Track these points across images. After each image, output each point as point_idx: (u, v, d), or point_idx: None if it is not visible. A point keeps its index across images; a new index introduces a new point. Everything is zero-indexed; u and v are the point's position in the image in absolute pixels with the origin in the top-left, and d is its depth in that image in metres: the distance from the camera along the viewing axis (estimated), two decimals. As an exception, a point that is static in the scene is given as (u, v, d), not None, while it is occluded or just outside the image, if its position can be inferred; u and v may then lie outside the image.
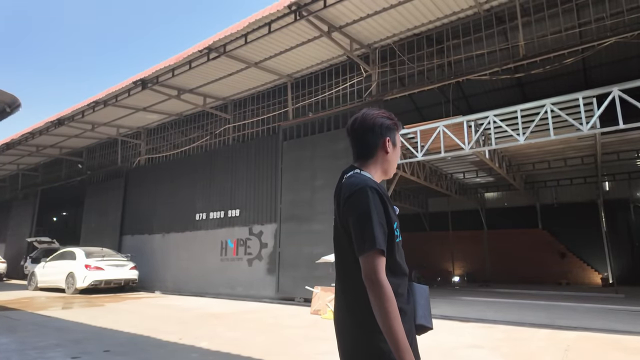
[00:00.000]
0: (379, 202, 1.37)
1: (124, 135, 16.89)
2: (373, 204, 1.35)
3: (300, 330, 6.60)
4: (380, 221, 1.34)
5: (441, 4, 8.72)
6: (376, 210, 1.35)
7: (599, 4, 8.82)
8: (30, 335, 6.02)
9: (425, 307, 1.48)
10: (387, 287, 1.28)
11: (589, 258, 16.48)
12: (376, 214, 1.34)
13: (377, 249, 1.30)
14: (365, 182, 1.40)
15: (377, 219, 1.33)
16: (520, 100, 10.21)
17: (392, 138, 1.55)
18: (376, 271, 1.29)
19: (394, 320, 1.24)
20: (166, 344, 5.53)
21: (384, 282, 1.28)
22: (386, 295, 1.27)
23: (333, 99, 11.30)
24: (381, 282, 1.28)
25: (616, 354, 4.89)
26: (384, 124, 1.54)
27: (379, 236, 1.31)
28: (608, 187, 16.43)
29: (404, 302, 1.39)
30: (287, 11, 8.51)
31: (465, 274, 19.02)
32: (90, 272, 12.25)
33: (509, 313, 8.22)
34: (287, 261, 10.75)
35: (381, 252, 1.31)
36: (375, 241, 1.30)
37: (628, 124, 6.86)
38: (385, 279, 1.29)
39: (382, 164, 1.54)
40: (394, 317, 1.25)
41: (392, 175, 1.59)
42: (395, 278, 1.37)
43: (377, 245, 1.30)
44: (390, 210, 1.41)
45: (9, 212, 22.98)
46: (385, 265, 1.32)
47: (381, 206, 1.37)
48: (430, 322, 1.48)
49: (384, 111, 1.59)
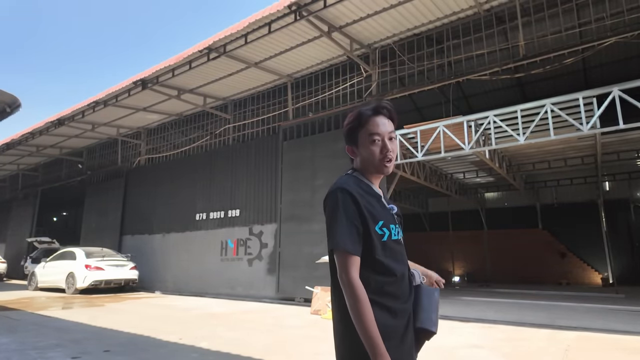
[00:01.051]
0: (350, 202, 1.37)
1: (124, 135, 16.89)
2: (341, 205, 1.36)
3: (300, 330, 6.60)
4: (350, 221, 1.35)
5: (441, 4, 8.71)
6: (344, 211, 1.35)
7: (599, 4, 8.82)
8: (30, 335, 6.02)
9: (429, 310, 1.45)
10: (355, 286, 1.29)
11: (589, 258, 16.48)
12: (344, 215, 1.35)
13: (341, 249, 1.32)
14: (337, 184, 1.42)
15: (344, 220, 1.34)
16: (520, 100, 10.21)
17: (353, 140, 1.51)
18: (344, 271, 1.31)
19: (365, 322, 1.25)
20: (166, 344, 5.53)
21: (352, 281, 1.29)
22: (354, 295, 1.28)
23: (333, 99, 11.30)
24: (348, 282, 1.30)
25: (616, 354, 4.89)
26: (345, 132, 1.54)
27: (344, 237, 1.33)
28: (608, 187, 16.43)
29: (394, 301, 1.37)
30: (287, 11, 8.51)
31: (465, 274, 19.04)
32: (91, 272, 12.25)
33: (509, 313, 8.22)
34: (287, 261, 10.75)
35: (346, 252, 1.32)
36: (337, 242, 1.33)
37: (628, 124, 6.86)
38: (354, 278, 1.30)
39: (362, 165, 1.51)
40: (364, 317, 1.25)
41: (384, 170, 1.49)
42: (380, 276, 1.37)
43: (338, 245, 1.32)
44: (368, 209, 1.39)
45: (9, 212, 22.98)
46: (360, 264, 1.34)
47: (352, 206, 1.37)
48: (432, 325, 1.44)
49: (350, 114, 1.55)
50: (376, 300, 1.33)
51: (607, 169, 15.03)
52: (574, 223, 16.66)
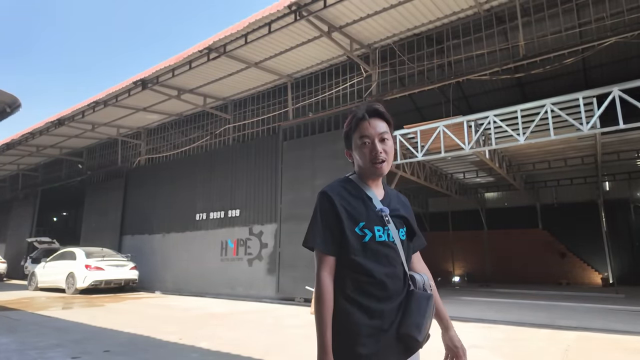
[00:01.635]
0: (326, 203, 1.44)
1: (124, 135, 16.89)
2: (319, 207, 1.45)
3: (300, 330, 6.60)
4: (325, 222, 1.42)
5: (441, 4, 8.72)
6: (320, 212, 1.44)
7: (599, 4, 8.82)
8: (30, 335, 6.03)
9: (417, 315, 1.38)
10: (320, 284, 1.38)
11: (589, 258, 16.47)
12: (319, 216, 1.44)
13: (311, 247, 1.43)
14: (326, 187, 1.49)
15: (318, 220, 1.43)
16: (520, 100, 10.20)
17: (348, 144, 1.56)
18: (317, 268, 1.41)
19: (320, 317, 1.34)
20: (166, 344, 5.53)
21: (319, 279, 1.38)
22: (318, 292, 1.37)
23: (333, 99, 11.30)
24: (317, 279, 1.39)
25: (616, 354, 4.89)
26: (343, 136, 1.60)
27: (315, 235, 1.42)
28: (608, 187, 16.42)
29: (373, 301, 1.37)
30: (287, 11, 8.51)
31: (465, 274, 19.03)
32: (91, 272, 12.25)
33: (509, 313, 8.21)
34: (287, 261, 10.76)
35: (318, 251, 1.41)
36: (306, 239, 1.44)
37: (628, 124, 6.86)
38: (322, 276, 1.39)
39: (357, 168, 1.55)
40: (321, 314, 1.34)
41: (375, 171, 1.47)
42: (358, 276, 1.39)
43: (309, 243, 1.43)
44: (348, 210, 1.42)
45: (9, 212, 22.98)
46: (338, 263, 1.41)
47: (329, 207, 1.43)
48: (417, 332, 1.36)
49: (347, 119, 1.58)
50: (353, 298, 1.37)
51: (607, 169, 15.02)
52: (574, 223, 16.65)
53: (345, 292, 1.38)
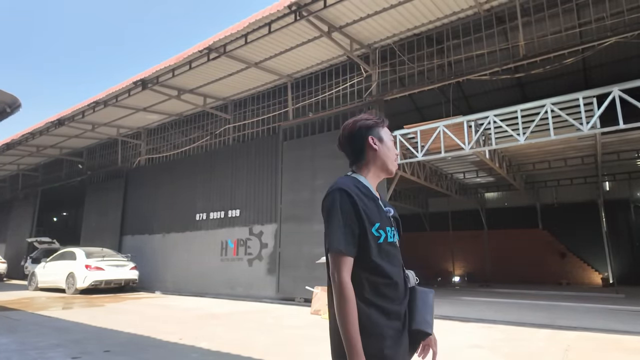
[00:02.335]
0: (348, 203, 1.39)
1: (124, 135, 16.89)
2: (339, 205, 1.38)
3: (300, 331, 6.60)
4: (346, 222, 1.36)
5: (441, 4, 8.71)
6: (341, 212, 1.37)
7: (599, 4, 8.81)
8: (30, 335, 6.03)
9: (425, 312, 1.46)
10: (344, 287, 1.31)
11: (589, 258, 16.48)
12: (340, 216, 1.37)
13: (336, 249, 1.34)
14: (337, 184, 1.44)
15: (340, 220, 1.36)
16: (520, 100, 10.20)
17: (376, 134, 1.58)
18: (335, 271, 1.34)
19: (347, 322, 1.28)
20: (166, 344, 5.53)
21: (342, 282, 1.31)
22: (342, 295, 1.30)
23: (333, 99, 11.30)
24: (339, 282, 1.32)
25: (616, 354, 4.89)
26: (363, 125, 1.58)
27: (339, 237, 1.34)
28: (608, 187, 16.43)
29: (389, 303, 1.38)
30: (287, 11, 8.51)
31: (465, 274, 19.03)
32: (91, 273, 12.25)
33: (509, 313, 8.21)
34: (287, 261, 10.75)
35: (340, 253, 1.34)
36: (332, 242, 1.35)
37: (628, 124, 6.87)
38: (344, 278, 1.32)
39: (374, 162, 1.56)
40: (347, 317, 1.28)
41: (394, 170, 1.59)
42: (375, 277, 1.38)
43: (334, 245, 1.34)
44: (365, 210, 1.40)
45: (10, 212, 22.99)
46: (356, 265, 1.36)
47: (350, 207, 1.38)
48: (428, 327, 1.45)
49: (364, 114, 1.62)
50: (371, 301, 1.35)
51: (607, 169, 15.02)
52: (574, 223, 16.65)
53: (363, 296, 1.35)
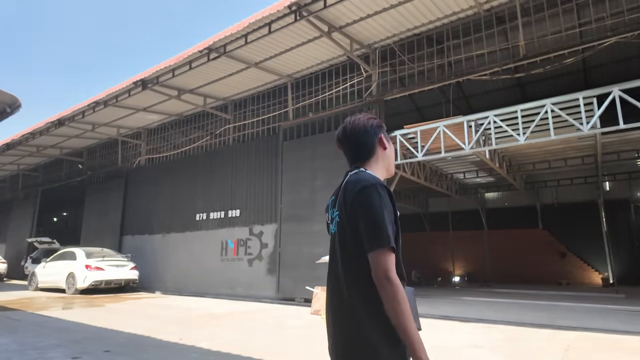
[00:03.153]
0: (388, 199, 1.37)
1: (125, 135, 16.89)
2: (384, 200, 1.35)
3: (300, 331, 6.60)
4: (391, 219, 1.34)
5: (441, 4, 8.71)
6: (386, 208, 1.34)
7: (599, 4, 8.82)
8: (30, 335, 6.03)
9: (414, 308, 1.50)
10: (400, 286, 1.27)
11: (589, 258, 16.47)
12: (387, 211, 1.33)
13: (390, 247, 1.29)
14: (375, 179, 1.41)
15: (388, 216, 1.33)
16: (520, 100, 10.20)
17: (386, 135, 1.61)
18: (389, 269, 1.28)
19: (408, 320, 1.24)
20: (166, 344, 5.53)
21: (397, 281, 1.27)
22: (400, 294, 1.26)
23: (333, 99, 11.30)
24: (394, 281, 1.27)
25: (616, 354, 4.89)
26: (374, 124, 1.58)
27: (389, 234, 1.30)
28: (608, 187, 16.43)
29: None
30: (287, 11, 8.51)
31: (465, 274, 19.03)
32: (91, 273, 12.25)
33: (509, 313, 8.22)
34: (287, 261, 10.75)
35: (393, 250, 1.30)
36: (389, 238, 1.30)
37: (628, 124, 6.87)
38: (397, 277, 1.28)
39: (382, 161, 1.57)
40: (408, 317, 1.25)
41: (393, 172, 1.62)
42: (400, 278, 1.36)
43: (390, 242, 1.29)
44: (396, 209, 1.41)
45: (10, 212, 22.98)
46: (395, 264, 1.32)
47: (390, 204, 1.37)
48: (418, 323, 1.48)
49: (365, 114, 1.63)
50: None
51: (607, 169, 15.02)
52: (574, 223, 16.65)
53: None
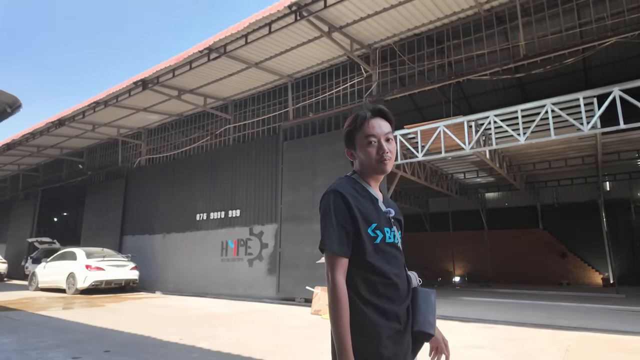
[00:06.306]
0: (341, 204, 1.39)
1: (125, 135, 16.90)
2: (333, 206, 1.40)
3: (300, 331, 6.60)
4: (339, 223, 1.37)
5: (441, 4, 8.71)
6: (334, 213, 1.38)
7: (600, 4, 8.82)
8: (31, 335, 6.03)
9: (427, 312, 1.46)
10: (337, 287, 1.32)
11: (589, 258, 16.47)
12: (334, 217, 1.38)
13: (328, 250, 1.36)
14: (332, 186, 1.46)
15: (334, 221, 1.37)
16: (520, 100, 10.20)
17: (351, 144, 1.53)
18: (329, 271, 1.35)
19: (338, 321, 1.29)
20: (167, 344, 5.53)
21: (335, 282, 1.33)
22: (335, 295, 1.32)
23: (333, 99, 11.30)
24: (332, 282, 1.33)
25: (617, 355, 4.89)
26: (343, 134, 1.57)
27: (332, 238, 1.36)
28: (609, 187, 16.42)
29: (387, 303, 1.38)
30: (288, 11, 8.51)
31: (465, 274, 19.03)
32: (91, 273, 12.25)
33: (510, 313, 8.21)
34: (288, 261, 10.76)
35: (333, 253, 1.35)
36: (325, 243, 1.37)
37: (629, 124, 6.86)
38: (337, 279, 1.33)
39: (360, 167, 1.53)
40: (339, 319, 1.29)
41: (382, 167, 1.47)
42: (372, 277, 1.38)
43: (327, 246, 1.36)
44: (361, 211, 1.40)
45: (10, 212, 23.00)
46: (352, 265, 1.37)
47: (344, 208, 1.39)
48: (430, 328, 1.45)
49: (348, 118, 1.58)
50: (368, 299, 1.36)
51: (607, 169, 15.01)
52: (575, 223, 16.64)
53: (360, 294, 1.36)
